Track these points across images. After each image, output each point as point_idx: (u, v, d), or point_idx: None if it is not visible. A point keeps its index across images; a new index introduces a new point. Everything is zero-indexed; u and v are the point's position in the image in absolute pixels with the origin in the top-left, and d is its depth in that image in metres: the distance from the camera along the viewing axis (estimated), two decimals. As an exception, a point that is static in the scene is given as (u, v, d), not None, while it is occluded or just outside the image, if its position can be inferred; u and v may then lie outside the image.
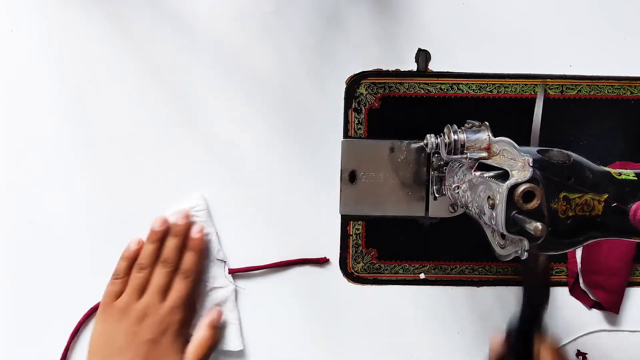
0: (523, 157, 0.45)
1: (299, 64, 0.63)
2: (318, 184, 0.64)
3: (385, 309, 0.65)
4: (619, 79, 0.64)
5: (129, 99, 0.62)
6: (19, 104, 0.62)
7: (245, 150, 0.63)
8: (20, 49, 0.62)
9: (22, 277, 0.63)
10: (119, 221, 0.63)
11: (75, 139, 0.62)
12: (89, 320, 0.63)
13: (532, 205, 0.43)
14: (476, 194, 0.49)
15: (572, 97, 0.64)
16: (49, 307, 0.63)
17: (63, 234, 0.63)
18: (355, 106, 0.63)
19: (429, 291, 0.65)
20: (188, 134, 0.63)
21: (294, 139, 0.63)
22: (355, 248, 0.64)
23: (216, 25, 0.62)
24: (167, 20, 0.62)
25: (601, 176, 0.46)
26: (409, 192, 0.64)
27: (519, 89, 0.63)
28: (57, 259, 0.63)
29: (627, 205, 0.45)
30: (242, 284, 0.63)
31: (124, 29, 0.62)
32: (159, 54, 0.62)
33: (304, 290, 0.64)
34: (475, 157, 0.50)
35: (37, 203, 0.63)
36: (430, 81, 0.63)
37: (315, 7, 0.62)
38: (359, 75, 0.63)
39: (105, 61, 0.62)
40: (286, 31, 0.62)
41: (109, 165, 0.63)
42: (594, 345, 0.65)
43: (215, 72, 0.62)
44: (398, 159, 0.63)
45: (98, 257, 0.62)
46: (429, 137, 0.56)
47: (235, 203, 0.63)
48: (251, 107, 0.63)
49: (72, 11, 0.61)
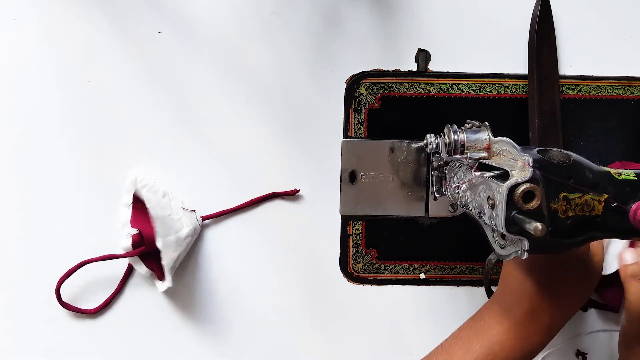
0: (523, 157, 0.45)
1: (299, 64, 0.63)
2: (318, 184, 0.64)
3: (385, 309, 0.65)
4: (619, 79, 0.64)
5: (128, 99, 0.62)
6: (19, 104, 0.62)
7: (245, 150, 0.63)
8: (20, 49, 0.62)
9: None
10: (120, 223, 0.63)
11: (75, 139, 0.62)
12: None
13: (532, 205, 0.43)
14: (476, 194, 0.49)
15: (572, 97, 0.64)
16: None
17: (63, 234, 0.63)
18: (355, 106, 0.63)
19: (429, 291, 0.65)
20: (188, 133, 0.63)
21: (293, 139, 0.63)
22: (355, 248, 0.64)
23: (216, 25, 0.62)
24: (167, 20, 0.62)
25: (601, 176, 0.46)
26: (409, 192, 0.64)
27: (519, 89, 0.63)
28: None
29: (627, 205, 0.45)
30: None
31: (124, 28, 0.62)
32: (159, 53, 0.62)
33: (302, 286, 0.64)
34: (475, 157, 0.50)
35: (36, 203, 0.63)
36: (430, 81, 0.63)
37: (315, 7, 0.62)
38: (359, 75, 0.63)
39: (105, 61, 0.62)
40: (286, 31, 0.62)
41: (109, 165, 0.63)
42: (594, 345, 0.65)
43: (215, 72, 0.62)
44: (398, 159, 0.63)
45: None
46: (429, 137, 0.56)
47: (235, 203, 0.63)
48: (251, 107, 0.63)
49: (72, 11, 0.61)
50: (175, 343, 0.64)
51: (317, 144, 0.63)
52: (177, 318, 0.64)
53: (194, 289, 0.64)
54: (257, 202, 0.63)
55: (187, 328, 0.64)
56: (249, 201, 0.63)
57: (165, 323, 0.64)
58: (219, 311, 0.64)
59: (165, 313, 0.64)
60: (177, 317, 0.64)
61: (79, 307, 0.63)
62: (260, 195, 0.63)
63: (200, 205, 0.63)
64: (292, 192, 0.63)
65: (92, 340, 0.64)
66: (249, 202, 0.63)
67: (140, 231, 0.60)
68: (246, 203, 0.63)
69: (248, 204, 0.63)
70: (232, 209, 0.63)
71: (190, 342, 0.64)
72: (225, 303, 0.64)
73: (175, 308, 0.64)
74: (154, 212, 0.58)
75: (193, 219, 0.62)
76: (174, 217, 0.60)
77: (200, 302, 0.64)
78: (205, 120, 0.63)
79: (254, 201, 0.63)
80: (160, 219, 0.58)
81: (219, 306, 0.64)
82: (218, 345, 0.64)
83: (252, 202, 0.63)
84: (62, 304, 0.62)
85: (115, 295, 0.63)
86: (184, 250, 0.61)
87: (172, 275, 0.60)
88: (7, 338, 0.63)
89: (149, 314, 0.64)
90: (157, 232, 0.58)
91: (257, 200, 0.63)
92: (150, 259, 0.61)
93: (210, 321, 0.64)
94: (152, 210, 0.58)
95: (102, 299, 0.63)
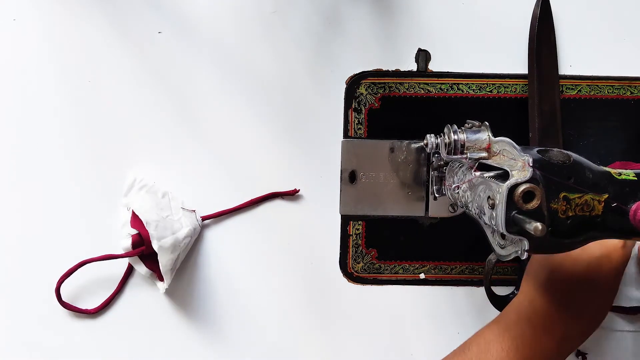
0: (523, 157, 0.45)
1: (299, 64, 0.63)
2: (318, 184, 0.64)
3: (385, 309, 0.65)
4: (619, 79, 0.64)
5: (128, 99, 0.62)
6: (19, 104, 0.62)
7: (245, 150, 0.63)
8: (20, 49, 0.62)
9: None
10: (120, 224, 0.63)
11: (75, 139, 0.62)
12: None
13: (532, 205, 0.43)
14: (476, 194, 0.49)
15: (572, 97, 0.64)
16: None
17: (63, 234, 0.63)
18: (355, 106, 0.63)
19: (429, 291, 0.65)
20: (188, 133, 0.63)
21: (293, 139, 0.63)
22: (355, 248, 0.64)
23: (216, 25, 0.62)
24: (167, 20, 0.62)
25: (601, 176, 0.46)
26: (409, 192, 0.64)
27: (519, 89, 0.63)
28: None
29: (627, 205, 0.45)
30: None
31: (124, 28, 0.62)
32: (159, 53, 0.62)
33: (300, 283, 0.64)
34: (475, 157, 0.50)
35: (36, 202, 0.63)
36: (430, 81, 0.63)
37: (315, 7, 0.62)
38: (359, 75, 0.63)
39: (105, 61, 0.62)
40: (286, 31, 0.62)
41: (109, 165, 0.63)
42: (594, 345, 0.65)
43: (215, 72, 0.62)
44: (398, 159, 0.63)
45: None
46: (429, 137, 0.56)
47: (235, 203, 0.63)
48: (251, 107, 0.63)
49: (72, 11, 0.61)
50: (175, 343, 0.64)
51: (317, 144, 0.63)
52: (177, 318, 0.64)
53: (194, 289, 0.64)
54: (257, 202, 0.63)
55: (187, 328, 0.64)
56: (249, 201, 0.63)
57: (165, 323, 0.64)
58: (218, 311, 0.64)
59: (165, 313, 0.64)
60: (177, 317, 0.64)
61: (79, 307, 0.63)
62: (260, 195, 0.63)
63: (200, 205, 0.63)
64: (292, 192, 0.63)
65: (92, 340, 0.64)
66: (249, 202, 0.63)
67: (139, 232, 0.60)
68: (246, 203, 0.63)
69: (248, 204, 0.63)
70: (232, 209, 0.63)
71: (190, 342, 0.64)
72: (225, 303, 0.64)
73: (175, 308, 0.64)
74: (147, 217, 0.58)
75: (193, 219, 0.62)
76: (173, 217, 0.60)
77: (200, 302, 0.64)
78: (205, 120, 0.63)
79: (254, 201, 0.63)
80: (154, 222, 0.58)
81: (219, 306, 0.64)
82: (218, 345, 0.64)
83: (252, 202, 0.63)
84: (62, 304, 0.62)
85: (115, 295, 0.63)
86: (183, 251, 0.61)
87: (172, 275, 0.60)
88: (7, 338, 0.63)
89: (149, 314, 0.64)
90: (151, 235, 0.58)
91: (257, 200, 0.63)
92: (151, 259, 0.61)
93: (210, 321, 0.64)
94: (145, 214, 0.58)
95: (102, 299, 0.63)
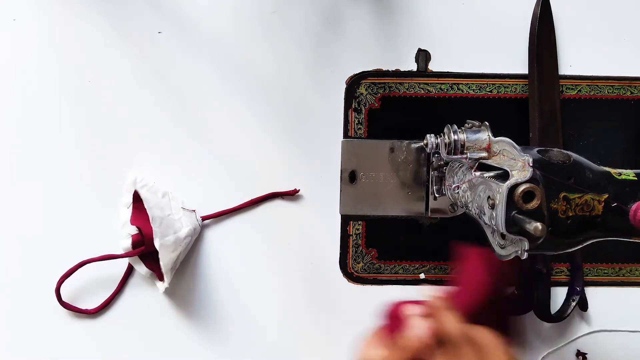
0: (523, 157, 0.45)
1: (299, 64, 0.63)
2: (318, 184, 0.64)
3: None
4: (619, 79, 0.64)
5: (128, 99, 0.62)
6: (19, 104, 0.62)
7: (245, 150, 0.63)
8: (20, 49, 0.62)
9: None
10: (120, 224, 0.63)
11: (75, 139, 0.62)
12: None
13: (532, 205, 0.43)
14: (476, 194, 0.49)
15: (572, 97, 0.64)
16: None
17: (63, 234, 0.63)
18: (355, 106, 0.63)
19: (429, 291, 0.65)
20: (188, 133, 0.63)
21: (293, 139, 0.63)
22: (355, 248, 0.64)
23: (216, 25, 0.62)
24: (167, 20, 0.62)
25: (601, 176, 0.46)
26: (409, 192, 0.64)
27: (519, 89, 0.63)
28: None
29: (627, 205, 0.45)
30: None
31: (123, 28, 0.62)
32: (159, 53, 0.62)
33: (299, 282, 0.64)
34: (475, 157, 0.50)
35: (37, 202, 0.63)
36: (430, 81, 0.63)
37: (315, 7, 0.62)
38: (359, 75, 0.63)
39: (105, 61, 0.62)
40: (286, 31, 0.62)
41: (109, 165, 0.63)
42: (594, 345, 0.65)
43: (215, 72, 0.62)
44: (398, 159, 0.63)
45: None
46: (429, 137, 0.56)
47: (235, 203, 0.63)
48: (251, 107, 0.63)
49: (72, 11, 0.61)
50: (175, 343, 0.64)
51: (317, 144, 0.63)
52: (177, 318, 0.64)
53: (194, 289, 0.64)
54: (257, 202, 0.63)
55: (187, 328, 0.64)
56: (249, 201, 0.63)
57: (165, 323, 0.64)
58: (219, 311, 0.64)
59: (165, 313, 0.64)
60: (177, 317, 0.64)
61: (79, 307, 0.63)
62: (260, 195, 0.63)
63: (200, 205, 0.63)
64: (292, 192, 0.63)
65: (92, 340, 0.63)
66: (249, 202, 0.63)
67: (140, 231, 0.60)
68: (246, 203, 0.63)
69: (248, 204, 0.63)
70: (232, 209, 0.63)
71: (190, 342, 0.64)
72: (225, 303, 0.64)
73: (175, 308, 0.64)
74: (152, 213, 0.58)
75: (193, 219, 0.62)
76: (174, 217, 0.60)
77: (200, 301, 0.64)
78: (205, 120, 0.63)
79: (254, 201, 0.63)
80: (159, 219, 0.58)
81: (219, 306, 0.64)
82: (218, 345, 0.64)
83: (252, 202, 0.63)
84: (62, 304, 0.62)
85: (115, 295, 0.63)
86: (183, 251, 0.61)
87: (172, 274, 0.60)
88: (7, 338, 0.63)
89: (148, 314, 0.64)
90: (155, 232, 0.58)
91: (257, 200, 0.63)
92: (151, 259, 0.61)
93: (210, 321, 0.64)
94: (151, 211, 0.58)
95: (102, 299, 0.63)
